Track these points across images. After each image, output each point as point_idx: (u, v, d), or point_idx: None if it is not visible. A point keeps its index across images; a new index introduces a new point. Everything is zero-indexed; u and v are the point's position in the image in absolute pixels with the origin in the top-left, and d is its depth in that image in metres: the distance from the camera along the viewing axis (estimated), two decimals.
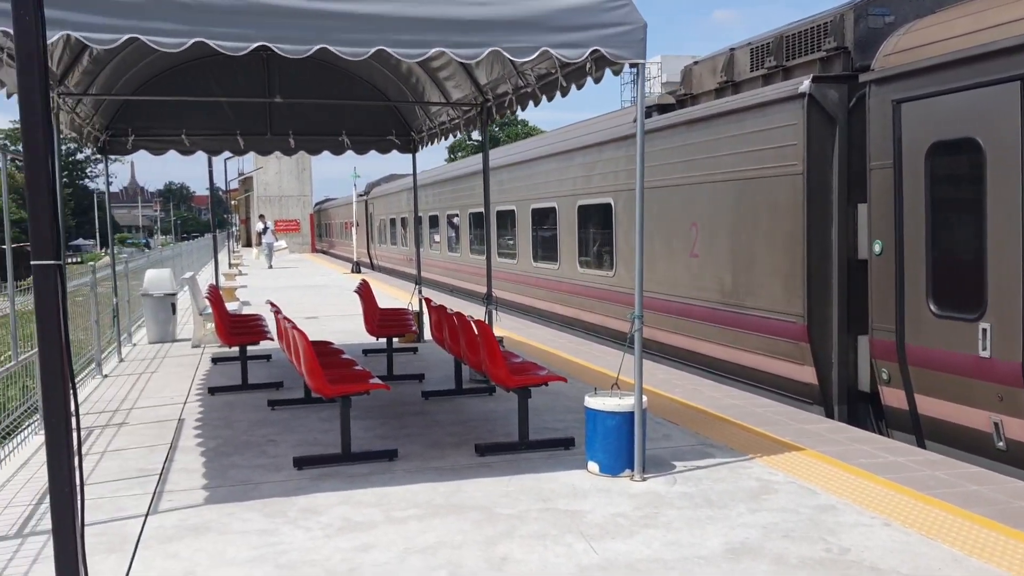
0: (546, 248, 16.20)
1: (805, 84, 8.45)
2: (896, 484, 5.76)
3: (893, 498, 5.48)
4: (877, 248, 7.92)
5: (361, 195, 40.40)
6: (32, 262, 3.05)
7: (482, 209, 18.33)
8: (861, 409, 8.55)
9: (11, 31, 2.86)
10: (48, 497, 5.77)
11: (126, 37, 4.90)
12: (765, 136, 9.15)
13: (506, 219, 18.49)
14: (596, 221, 13.91)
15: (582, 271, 14.39)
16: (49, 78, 2.96)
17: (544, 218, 16.21)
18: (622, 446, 6.00)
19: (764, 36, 9.85)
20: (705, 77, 10.94)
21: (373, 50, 5.27)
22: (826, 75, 8.58)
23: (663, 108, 11.56)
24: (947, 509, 5.27)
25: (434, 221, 25.33)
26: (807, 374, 8.70)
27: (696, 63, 11.21)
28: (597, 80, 6.51)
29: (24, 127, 2.99)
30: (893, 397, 7.77)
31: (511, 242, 18.20)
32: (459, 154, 64.12)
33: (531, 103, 8.19)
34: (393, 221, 32.04)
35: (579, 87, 6.91)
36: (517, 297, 17.82)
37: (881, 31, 8.35)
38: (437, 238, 25.07)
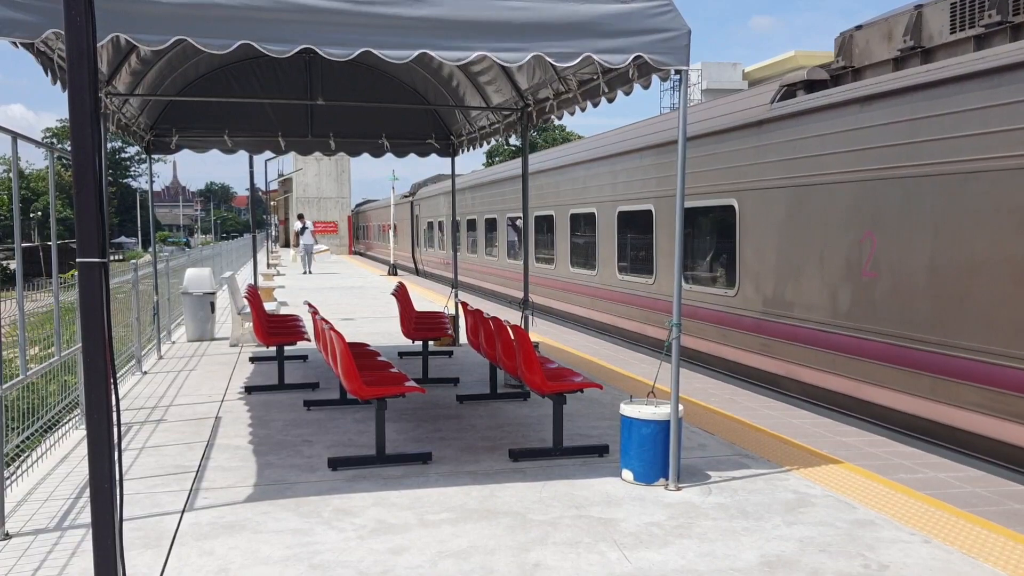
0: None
1: None
2: (937, 500, 5.65)
3: (933, 514, 5.38)
4: None
5: (406, 196, 38.65)
6: (77, 259, 3.09)
7: (545, 212, 18.19)
8: None
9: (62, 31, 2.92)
10: (87, 491, 5.85)
11: (174, 38, 4.96)
12: (1012, 112, 6.81)
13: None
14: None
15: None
16: (98, 78, 3.00)
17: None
18: (657, 455, 5.95)
19: None
20: (875, 45, 8.89)
21: (416, 53, 5.28)
22: None
23: (810, 86, 9.60)
24: (989, 527, 5.16)
25: (481, 224, 24.47)
26: None
27: (858, 28, 9.21)
28: (645, 86, 6.49)
29: (73, 125, 3.03)
30: None
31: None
32: (496, 159, 64.21)
33: (575, 108, 8.16)
34: (442, 225, 30.05)
35: (626, 93, 6.89)
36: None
37: None
38: (483, 242, 24.21)
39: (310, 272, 32.16)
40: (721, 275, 11.30)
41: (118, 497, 3.19)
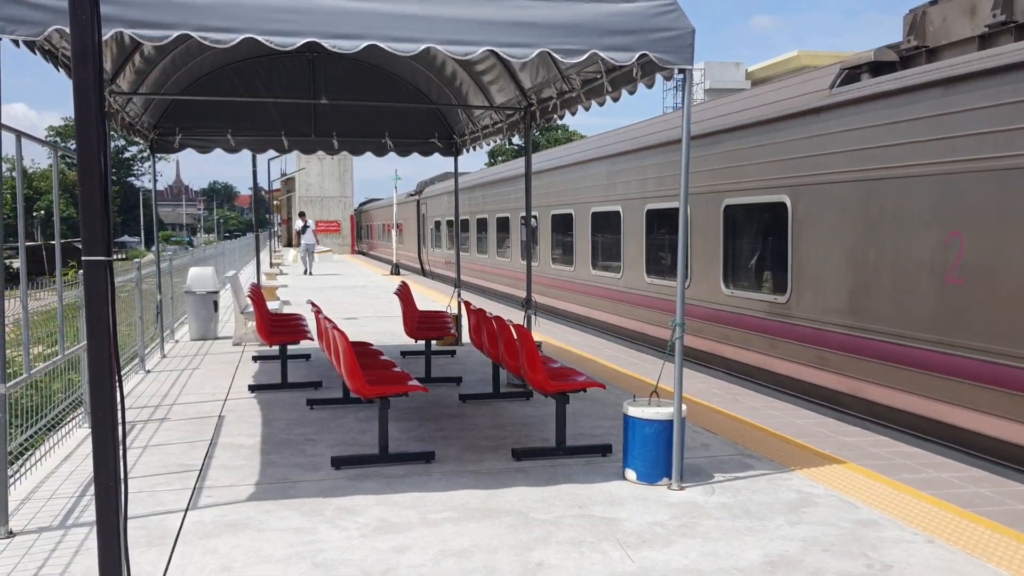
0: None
1: None
2: (940, 500, 5.65)
3: (937, 514, 5.37)
4: None
5: (412, 194, 37.24)
6: (83, 258, 3.10)
7: (563, 211, 17.36)
8: None
9: (67, 29, 2.92)
10: (90, 489, 5.85)
11: (177, 33, 4.97)
12: None
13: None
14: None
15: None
16: (103, 76, 3.01)
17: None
18: (660, 454, 5.95)
19: None
20: (954, 22, 7.99)
21: (422, 47, 5.29)
22: None
23: (876, 68, 8.76)
24: (993, 527, 5.15)
25: (492, 224, 23.42)
26: None
27: (933, 3, 8.40)
28: (649, 85, 6.50)
29: (78, 124, 3.03)
30: None
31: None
32: (499, 158, 64.20)
33: (577, 108, 8.16)
34: (451, 224, 28.58)
35: (630, 92, 6.89)
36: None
37: None
38: (494, 242, 23.09)
39: (311, 273, 30.86)
40: (769, 279, 10.38)
41: (123, 495, 3.19)
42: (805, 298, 9.44)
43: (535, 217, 19.18)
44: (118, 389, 3.10)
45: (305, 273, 30.48)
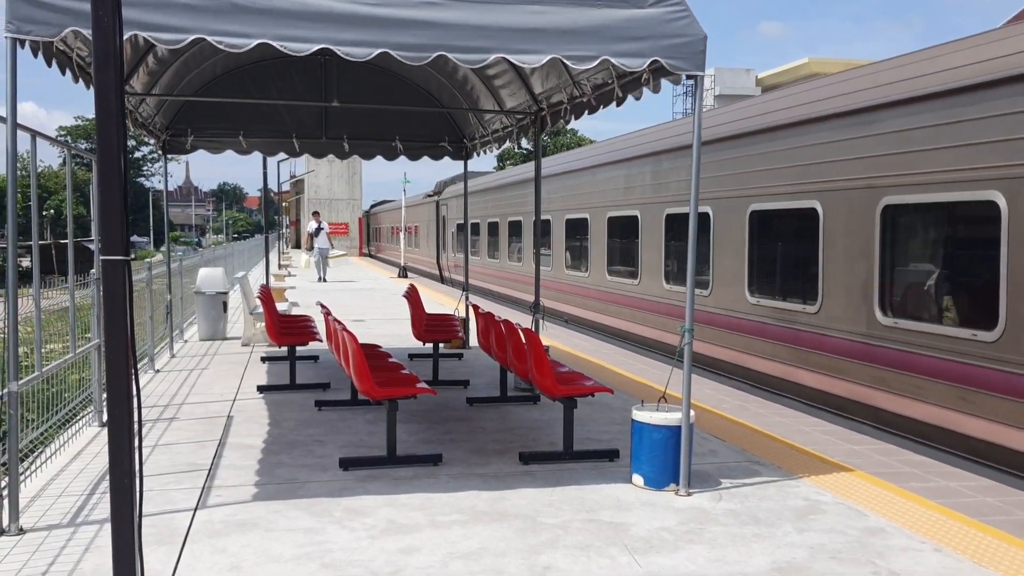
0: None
1: None
2: (948, 509, 5.65)
3: (944, 523, 5.38)
4: None
5: (430, 195, 34.74)
6: (101, 257, 3.13)
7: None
8: None
9: (84, 32, 2.95)
10: (100, 487, 5.88)
11: (192, 37, 5.01)
12: None
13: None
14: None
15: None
16: (123, 78, 3.04)
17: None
18: (668, 460, 5.96)
19: None
20: None
21: (434, 55, 5.32)
22: None
23: None
24: (1000, 537, 5.15)
25: (526, 226, 21.86)
26: None
27: None
28: (655, 90, 6.51)
29: (99, 126, 3.07)
30: None
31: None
32: (508, 162, 64.27)
33: (586, 113, 8.19)
34: (477, 227, 26.47)
35: (636, 98, 6.91)
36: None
37: None
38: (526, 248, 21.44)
39: (325, 279, 28.28)
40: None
41: (137, 492, 3.22)
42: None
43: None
44: (135, 387, 3.13)
45: (320, 280, 28.10)
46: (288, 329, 10.08)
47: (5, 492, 5.07)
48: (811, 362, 9.44)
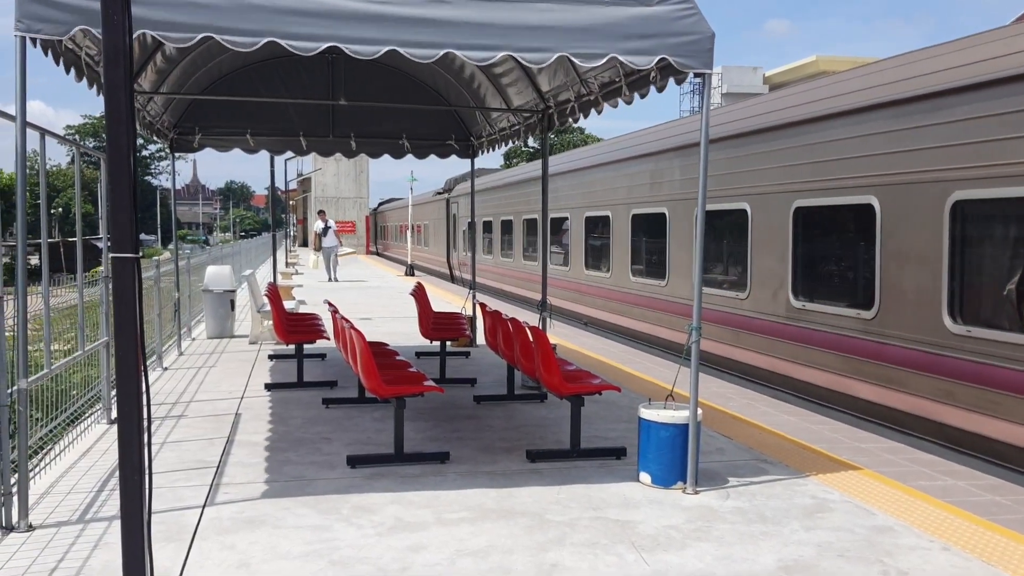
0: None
1: None
2: (956, 508, 5.64)
3: (953, 522, 5.36)
4: None
5: (440, 192, 33.97)
6: (111, 255, 3.14)
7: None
8: None
9: (93, 30, 2.96)
10: (109, 484, 5.90)
11: (201, 36, 5.02)
12: None
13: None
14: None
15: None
16: (133, 76, 3.05)
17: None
18: (675, 458, 5.96)
19: None
20: None
21: (441, 53, 5.32)
22: None
23: None
24: (1009, 536, 5.14)
25: (516, 225, 21.51)
26: None
27: None
28: (660, 89, 6.50)
29: (109, 124, 3.08)
30: None
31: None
32: (515, 160, 64.26)
33: (593, 111, 8.19)
34: (491, 225, 25.35)
35: (642, 96, 6.91)
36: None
37: None
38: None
39: (336, 279, 27.66)
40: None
41: (147, 489, 3.23)
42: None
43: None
44: (145, 385, 3.15)
45: (329, 280, 27.42)
46: (295, 327, 10.10)
47: (15, 489, 5.09)
48: (866, 372, 8.77)
